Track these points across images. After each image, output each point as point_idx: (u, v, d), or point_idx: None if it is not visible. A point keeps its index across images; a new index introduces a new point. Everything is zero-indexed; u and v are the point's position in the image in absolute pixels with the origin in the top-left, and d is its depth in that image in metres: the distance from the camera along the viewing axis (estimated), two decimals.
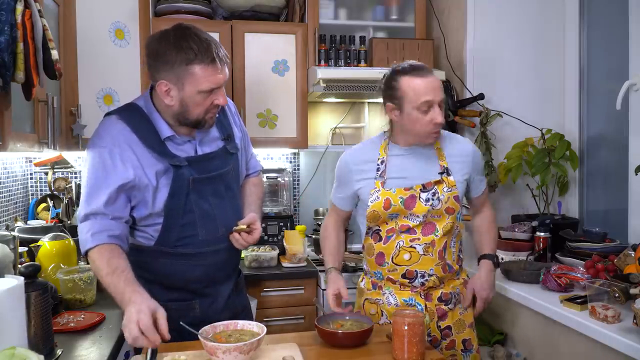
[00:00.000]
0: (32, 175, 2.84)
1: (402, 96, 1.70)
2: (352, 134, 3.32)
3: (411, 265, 1.74)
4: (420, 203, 1.73)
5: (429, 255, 1.74)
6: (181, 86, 1.58)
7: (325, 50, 2.86)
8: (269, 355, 1.41)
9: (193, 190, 1.66)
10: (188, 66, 1.55)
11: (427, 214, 1.74)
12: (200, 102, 1.60)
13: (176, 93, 1.59)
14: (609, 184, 2.66)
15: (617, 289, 1.65)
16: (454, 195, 1.75)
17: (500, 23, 2.84)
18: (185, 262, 1.69)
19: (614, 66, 2.60)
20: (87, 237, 1.55)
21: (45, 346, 1.37)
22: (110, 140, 1.60)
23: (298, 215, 3.21)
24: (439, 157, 1.78)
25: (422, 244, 1.74)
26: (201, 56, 1.55)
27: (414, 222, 1.75)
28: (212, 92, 1.61)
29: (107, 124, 1.64)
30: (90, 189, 1.59)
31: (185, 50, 1.55)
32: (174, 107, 1.62)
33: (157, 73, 1.60)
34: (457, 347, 1.81)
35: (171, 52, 1.56)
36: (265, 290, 2.56)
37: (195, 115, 1.63)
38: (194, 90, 1.58)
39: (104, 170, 1.58)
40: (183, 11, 2.70)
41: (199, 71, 1.56)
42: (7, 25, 1.38)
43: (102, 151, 1.59)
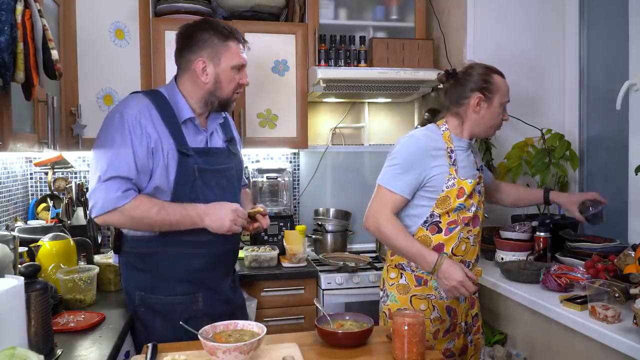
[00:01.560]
0: (32, 175, 2.84)
1: (496, 91, 1.88)
2: (352, 134, 3.32)
3: (464, 255, 1.89)
4: (476, 195, 1.90)
5: (476, 245, 1.92)
6: (217, 61, 1.77)
7: (325, 50, 2.86)
8: (269, 355, 1.41)
9: (199, 178, 1.75)
10: (225, 42, 1.77)
11: (478, 205, 1.91)
12: (232, 78, 1.80)
13: (212, 69, 1.77)
14: (609, 184, 2.65)
15: (617, 289, 1.65)
16: (484, 188, 2.00)
17: (500, 23, 2.83)
18: (189, 250, 1.75)
19: (614, 66, 2.59)
20: (118, 195, 1.63)
21: (45, 346, 1.37)
22: (138, 110, 1.71)
23: (298, 215, 3.21)
24: (475, 154, 2.01)
25: (473, 235, 1.90)
26: (234, 34, 1.80)
27: (473, 213, 1.88)
28: (240, 70, 1.81)
29: (135, 98, 1.77)
30: (113, 152, 1.66)
31: (221, 30, 1.78)
32: (208, 85, 1.79)
33: (193, 53, 1.77)
34: (479, 333, 2.02)
35: (208, 31, 1.77)
36: (265, 290, 2.56)
37: (225, 93, 1.81)
38: (228, 65, 1.78)
39: (130, 135, 1.67)
40: (183, 11, 2.70)
41: (234, 46, 1.79)
42: (7, 25, 1.38)
43: (126, 117, 1.69)
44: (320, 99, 3.12)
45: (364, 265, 2.70)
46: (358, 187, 3.26)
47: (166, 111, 1.75)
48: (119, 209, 1.63)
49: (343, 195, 3.25)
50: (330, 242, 2.95)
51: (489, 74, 1.88)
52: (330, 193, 3.25)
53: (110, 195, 1.63)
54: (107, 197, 1.63)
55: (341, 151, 3.27)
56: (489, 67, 1.91)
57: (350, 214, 3.13)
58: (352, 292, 2.58)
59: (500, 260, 2.41)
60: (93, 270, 1.93)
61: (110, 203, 1.63)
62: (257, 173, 2.97)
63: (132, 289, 1.79)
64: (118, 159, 1.65)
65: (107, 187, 1.64)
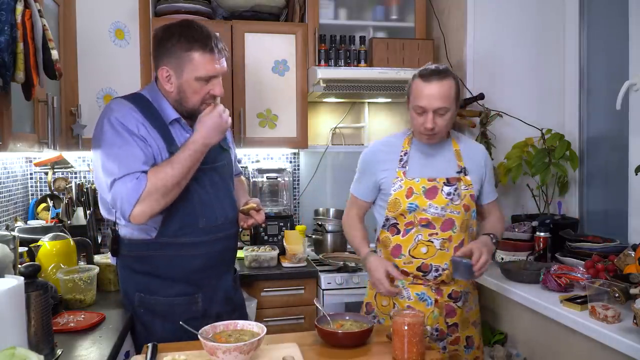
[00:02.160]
0: (32, 175, 2.84)
1: (409, 95, 1.87)
2: (352, 134, 3.32)
3: (427, 259, 1.84)
4: (442, 195, 1.84)
5: (444, 250, 1.84)
6: (180, 72, 1.67)
7: (325, 50, 2.86)
8: (269, 355, 1.41)
9: (192, 179, 1.71)
10: (187, 52, 1.65)
11: (445, 207, 1.83)
12: (197, 89, 1.69)
13: (175, 80, 1.68)
14: (609, 184, 2.66)
15: (617, 289, 1.65)
16: (470, 194, 1.88)
17: (500, 23, 2.83)
18: (186, 251, 1.74)
19: (614, 66, 2.59)
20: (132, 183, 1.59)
21: (45, 346, 1.37)
22: (122, 115, 1.67)
23: (298, 215, 3.21)
24: (457, 157, 1.91)
25: (439, 239, 1.84)
26: (200, 44, 1.65)
27: (432, 214, 1.83)
28: (209, 81, 1.69)
29: (116, 103, 1.72)
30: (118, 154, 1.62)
31: (186, 38, 1.65)
32: (173, 94, 1.71)
33: (159, 59, 1.70)
34: (460, 344, 1.90)
35: (173, 39, 1.66)
36: (265, 290, 2.56)
37: (191, 104, 1.71)
38: (192, 77, 1.67)
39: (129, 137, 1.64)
40: (183, 11, 2.70)
41: (198, 58, 1.65)
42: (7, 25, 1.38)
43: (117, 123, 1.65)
44: (320, 99, 3.12)
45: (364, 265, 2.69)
46: None
47: (150, 113, 1.70)
48: (143, 193, 1.58)
49: (343, 195, 3.22)
50: (330, 242, 2.95)
51: (413, 78, 1.85)
52: (330, 193, 3.25)
53: (127, 188, 1.58)
54: (127, 192, 1.58)
55: (341, 151, 3.27)
56: (421, 69, 1.84)
57: None
58: (352, 292, 2.58)
59: (500, 260, 2.41)
60: (93, 270, 1.93)
61: (132, 195, 1.58)
62: (257, 173, 2.97)
63: (131, 290, 1.79)
64: (126, 158, 1.61)
65: (121, 184, 1.59)
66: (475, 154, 1.95)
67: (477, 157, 1.95)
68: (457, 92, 1.84)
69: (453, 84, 1.82)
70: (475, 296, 2.01)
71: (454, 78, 1.84)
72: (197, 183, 1.74)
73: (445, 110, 1.80)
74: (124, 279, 1.82)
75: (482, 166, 1.94)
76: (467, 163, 1.91)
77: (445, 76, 1.81)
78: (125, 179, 1.60)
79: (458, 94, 1.85)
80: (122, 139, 1.64)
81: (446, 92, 1.79)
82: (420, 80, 1.81)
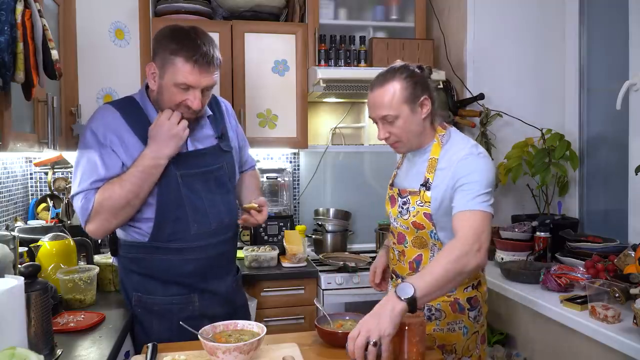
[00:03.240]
0: (32, 175, 2.84)
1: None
2: (352, 134, 3.32)
3: (394, 265, 1.79)
4: (396, 207, 1.73)
5: (401, 262, 1.74)
6: (162, 73, 1.67)
7: (325, 50, 2.86)
8: (269, 355, 1.41)
9: (184, 185, 1.71)
10: (172, 56, 1.64)
11: (396, 219, 1.72)
12: (173, 95, 1.67)
13: (158, 79, 1.69)
14: (609, 184, 2.66)
15: (617, 289, 1.65)
16: (424, 212, 1.62)
17: (500, 23, 2.84)
18: (178, 256, 1.74)
19: (614, 66, 2.59)
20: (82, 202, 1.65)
21: (45, 346, 1.37)
22: (103, 126, 1.69)
23: (298, 215, 3.21)
24: (429, 168, 1.65)
25: (397, 250, 1.76)
26: (187, 52, 1.63)
27: (393, 224, 1.78)
28: (187, 90, 1.66)
29: (101, 111, 1.74)
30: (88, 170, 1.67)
31: (177, 42, 1.64)
32: (154, 93, 1.73)
33: (152, 55, 1.72)
34: None
35: (166, 39, 1.67)
36: (265, 290, 2.55)
37: (166, 107, 1.70)
38: (171, 81, 1.66)
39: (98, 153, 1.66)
40: (183, 11, 2.70)
41: (179, 64, 1.64)
42: (7, 25, 1.38)
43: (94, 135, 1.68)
44: (320, 99, 3.12)
45: (364, 265, 2.69)
46: (358, 187, 3.26)
47: (135, 120, 1.70)
48: (91, 212, 1.64)
49: (343, 195, 3.25)
50: (330, 242, 2.95)
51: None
52: (330, 193, 3.25)
53: (78, 207, 1.67)
54: (78, 210, 1.67)
55: (341, 151, 3.27)
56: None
57: (350, 214, 3.12)
58: (352, 292, 2.58)
59: (500, 260, 2.41)
60: (93, 270, 1.92)
61: (82, 213, 1.66)
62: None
63: (129, 290, 1.80)
64: (83, 177, 1.67)
65: (75, 201, 1.68)
66: (449, 162, 1.61)
67: (449, 162, 1.61)
68: (411, 92, 1.60)
69: (399, 86, 1.59)
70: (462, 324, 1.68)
71: (406, 78, 1.60)
72: (188, 189, 1.72)
73: (393, 118, 1.60)
74: (122, 278, 1.83)
75: (449, 174, 1.59)
76: (439, 175, 1.62)
77: (388, 80, 1.61)
78: (77, 197, 1.66)
79: (414, 93, 1.60)
80: (88, 152, 1.68)
81: (388, 98, 1.59)
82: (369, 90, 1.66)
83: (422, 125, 1.65)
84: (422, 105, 1.63)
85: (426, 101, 1.63)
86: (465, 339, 1.68)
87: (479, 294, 1.70)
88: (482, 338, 1.74)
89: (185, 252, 1.74)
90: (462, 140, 1.67)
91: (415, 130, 1.64)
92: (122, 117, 1.70)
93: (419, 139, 1.67)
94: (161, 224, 1.71)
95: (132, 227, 1.75)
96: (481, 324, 1.72)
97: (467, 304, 1.68)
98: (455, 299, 1.66)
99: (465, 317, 1.67)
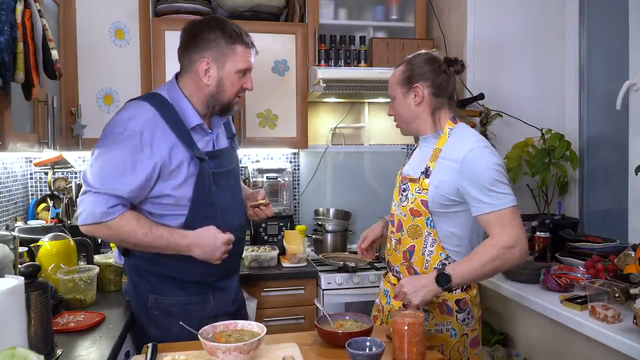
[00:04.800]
0: (32, 175, 2.84)
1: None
2: (352, 134, 3.32)
3: (389, 255, 1.80)
4: (397, 193, 1.78)
5: (397, 252, 1.75)
6: (222, 64, 1.71)
7: (325, 50, 2.86)
8: (269, 355, 1.41)
9: (214, 183, 1.72)
10: (232, 45, 1.70)
11: (397, 206, 1.75)
12: (235, 82, 1.74)
13: (215, 72, 1.71)
14: (609, 184, 2.66)
15: (617, 289, 1.65)
16: (422, 199, 1.65)
17: (500, 23, 2.84)
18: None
19: (614, 66, 2.59)
20: (103, 210, 1.59)
21: (45, 346, 1.37)
22: (143, 124, 1.63)
23: (298, 215, 3.21)
24: (432, 156, 1.68)
25: (394, 239, 1.76)
26: (243, 38, 1.73)
27: (394, 211, 1.78)
28: (245, 74, 1.76)
29: (139, 108, 1.68)
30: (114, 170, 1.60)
31: (230, 32, 1.71)
32: (210, 87, 1.73)
33: (197, 53, 1.71)
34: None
35: (216, 31, 1.70)
36: (265, 290, 2.55)
37: (227, 97, 1.75)
38: (233, 69, 1.72)
39: (132, 156, 1.61)
40: (183, 11, 2.70)
41: (241, 50, 1.72)
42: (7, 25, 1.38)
43: (133, 135, 1.61)
44: (320, 99, 3.12)
45: (364, 265, 2.70)
46: (358, 187, 3.26)
47: (174, 119, 1.67)
48: (104, 223, 1.60)
49: (343, 195, 3.25)
50: (330, 242, 2.95)
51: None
52: (330, 193, 3.25)
53: (96, 209, 1.59)
54: (93, 210, 1.59)
55: (341, 151, 3.27)
56: None
57: (350, 214, 3.12)
58: (352, 292, 2.58)
59: None
60: (93, 270, 1.92)
61: (94, 216, 1.60)
62: (257, 173, 2.97)
63: (144, 292, 1.75)
64: (115, 178, 1.59)
65: (96, 200, 1.60)
66: (454, 153, 1.63)
67: (454, 156, 1.62)
68: (405, 77, 1.70)
69: (397, 72, 1.74)
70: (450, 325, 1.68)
71: (409, 63, 1.72)
72: (217, 188, 1.73)
73: (392, 97, 1.76)
74: (135, 281, 1.77)
75: (455, 169, 1.60)
76: (439, 164, 1.64)
77: (395, 67, 1.77)
78: (100, 199, 1.59)
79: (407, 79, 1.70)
80: (125, 157, 1.60)
81: (391, 80, 1.76)
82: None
83: (414, 111, 1.72)
84: (415, 92, 1.70)
85: (419, 89, 1.69)
86: (454, 341, 1.68)
87: (467, 297, 1.70)
88: (473, 342, 1.73)
89: None
90: (468, 135, 1.68)
91: (405, 114, 1.74)
92: (160, 116, 1.66)
93: (414, 125, 1.75)
94: (192, 221, 1.69)
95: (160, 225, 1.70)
96: (471, 327, 1.72)
97: (455, 306, 1.68)
98: (444, 300, 1.67)
99: (453, 319, 1.68)
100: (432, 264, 1.68)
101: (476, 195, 1.57)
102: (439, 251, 1.67)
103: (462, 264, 1.59)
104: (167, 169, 1.64)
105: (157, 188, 1.65)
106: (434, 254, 1.68)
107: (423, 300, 1.56)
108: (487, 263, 1.55)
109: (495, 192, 1.56)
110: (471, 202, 1.60)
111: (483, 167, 1.58)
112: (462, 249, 1.68)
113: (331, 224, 2.99)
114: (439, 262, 1.67)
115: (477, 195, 1.57)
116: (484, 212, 1.57)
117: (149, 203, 1.68)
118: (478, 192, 1.57)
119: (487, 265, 1.56)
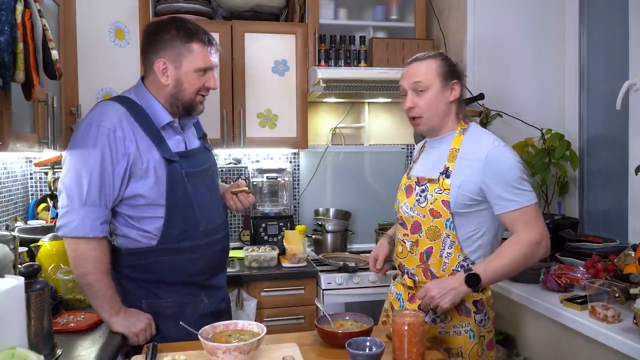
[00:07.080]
0: (32, 175, 2.84)
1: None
2: (352, 134, 3.32)
3: (403, 259, 1.76)
4: (413, 195, 1.72)
5: (413, 254, 1.72)
6: (179, 64, 1.69)
7: (325, 50, 2.86)
8: (269, 355, 1.41)
9: (189, 183, 1.72)
10: (187, 44, 1.68)
11: (413, 207, 1.71)
12: (194, 81, 1.71)
13: (172, 71, 1.69)
14: (609, 184, 2.66)
15: (617, 289, 1.65)
16: (443, 199, 1.63)
17: (500, 23, 2.84)
18: (189, 255, 1.74)
19: (614, 66, 2.59)
20: (95, 224, 1.59)
21: (45, 346, 1.37)
22: (117, 121, 1.64)
23: (298, 215, 3.21)
24: (450, 156, 1.67)
25: (409, 241, 1.73)
26: (200, 36, 1.70)
27: (405, 214, 1.75)
28: (205, 73, 1.72)
29: (110, 107, 1.68)
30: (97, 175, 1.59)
31: (185, 30, 1.69)
32: (169, 87, 1.71)
33: (154, 53, 1.70)
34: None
35: (171, 31, 1.68)
36: (265, 290, 2.55)
37: (187, 96, 1.73)
38: (191, 68, 1.69)
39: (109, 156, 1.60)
40: (183, 11, 2.70)
41: (197, 49, 1.69)
42: (7, 25, 1.38)
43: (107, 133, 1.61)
44: (320, 99, 3.12)
45: (364, 265, 2.69)
46: (358, 187, 3.26)
47: (143, 118, 1.68)
48: (88, 238, 1.58)
49: (343, 195, 3.25)
50: (330, 242, 2.95)
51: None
52: (330, 193, 3.25)
53: (87, 222, 1.58)
54: (84, 223, 1.58)
55: (341, 151, 3.27)
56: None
57: (350, 214, 3.12)
58: (352, 292, 2.58)
59: None
60: None
61: (83, 230, 1.58)
62: (257, 173, 2.97)
63: (137, 299, 1.74)
64: (103, 184, 1.59)
65: (88, 212, 1.59)
66: (475, 153, 1.63)
67: (476, 155, 1.62)
68: (446, 71, 1.68)
69: (434, 64, 1.68)
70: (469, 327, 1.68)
71: (444, 59, 1.70)
72: (194, 188, 1.73)
73: (424, 87, 1.66)
74: (126, 289, 1.75)
75: (479, 168, 1.60)
76: (459, 164, 1.64)
77: (428, 58, 1.70)
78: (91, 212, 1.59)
79: (448, 73, 1.68)
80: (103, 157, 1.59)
81: (424, 69, 1.67)
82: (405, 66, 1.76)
83: (448, 107, 1.71)
84: (452, 88, 1.70)
85: (456, 86, 1.70)
86: (472, 342, 1.67)
87: (484, 298, 1.71)
88: (489, 344, 1.73)
89: (196, 250, 1.74)
90: (485, 135, 1.71)
91: (440, 108, 1.69)
92: (130, 114, 1.67)
93: (441, 121, 1.72)
94: (171, 223, 1.69)
95: (138, 230, 1.70)
96: (488, 329, 1.72)
97: (473, 307, 1.68)
98: (462, 301, 1.64)
99: (471, 320, 1.67)
100: (450, 267, 1.65)
101: (501, 193, 1.58)
102: (457, 253, 1.65)
103: (491, 263, 1.59)
104: (138, 166, 1.64)
105: (130, 187, 1.65)
106: (452, 255, 1.65)
107: (453, 303, 1.55)
108: (516, 260, 1.57)
109: (520, 190, 1.58)
110: (494, 200, 1.60)
111: (508, 165, 1.60)
112: (482, 250, 1.67)
113: (331, 224, 2.99)
114: (457, 264, 1.65)
115: (502, 194, 1.58)
116: (509, 210, 1.58)
117: (125, 205, 1.68)
118: (503, 190, 1.58)
119: (515, 263, 1.57)
